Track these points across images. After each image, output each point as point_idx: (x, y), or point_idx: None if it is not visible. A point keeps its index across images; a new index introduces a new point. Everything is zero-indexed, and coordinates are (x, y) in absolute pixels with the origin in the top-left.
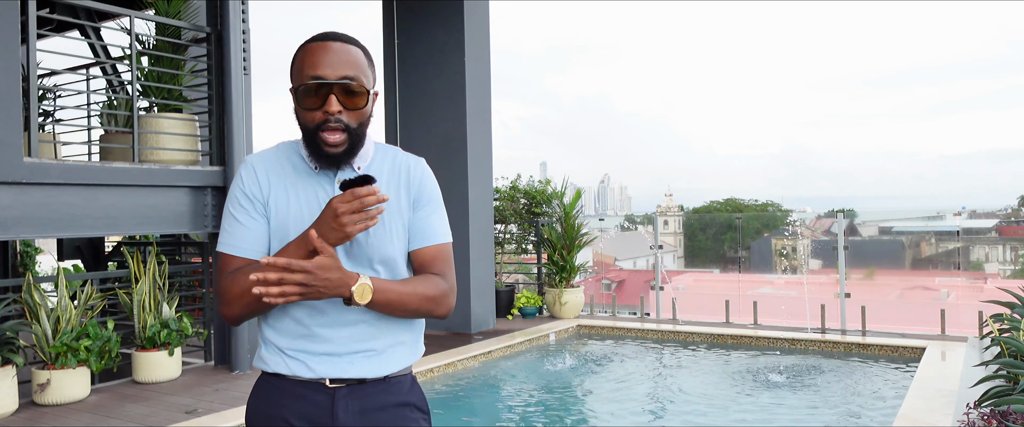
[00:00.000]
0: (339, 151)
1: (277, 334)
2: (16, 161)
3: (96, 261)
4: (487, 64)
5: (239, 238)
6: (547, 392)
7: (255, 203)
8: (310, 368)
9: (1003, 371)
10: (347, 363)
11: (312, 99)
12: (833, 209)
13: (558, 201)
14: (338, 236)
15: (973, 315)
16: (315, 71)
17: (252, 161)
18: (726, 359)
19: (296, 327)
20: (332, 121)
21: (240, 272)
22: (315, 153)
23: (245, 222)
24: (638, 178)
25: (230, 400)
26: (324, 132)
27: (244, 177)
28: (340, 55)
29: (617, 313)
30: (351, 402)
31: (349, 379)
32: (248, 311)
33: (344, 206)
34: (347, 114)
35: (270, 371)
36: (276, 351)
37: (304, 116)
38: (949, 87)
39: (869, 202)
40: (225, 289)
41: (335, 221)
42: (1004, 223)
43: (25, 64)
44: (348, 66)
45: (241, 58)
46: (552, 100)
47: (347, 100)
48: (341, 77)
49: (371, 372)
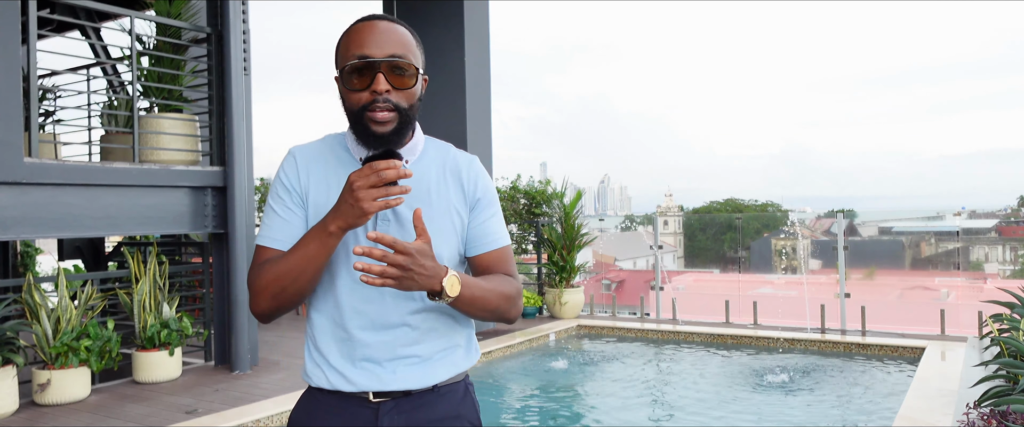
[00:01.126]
0: (388, 130)
1: (317, 339)
2: (16, 161)
3: (96, 261)
4: (487, 64)
5: (275, 229)
6: (547, 392)
7: (292, 194)
8: (349, 380)
9: (1003, 371)
10: (389, 373)
11: (359, 79)
12: (833, 209)
13: (558, 201)
14: (355, 213)
15: (973, 315)
16: (361, 50)
17: (294, 152)
18: (726, 359)
19: (335, 330)
20: (380, 101)
21: (269, 263)
22: (363, 134)
23: (282, 213)
24: (638, 178)
25: (230, 400)
26: (371, 111)
27: (285, 168)
28: (387, 34)
29: (617, 313)
30: (396, 417)
31: (393, 392)
32: (275, 303)
33: (361, 180)
34: (396, 94)
35: (311, 385)
36: (317, 362)
37: (350, 98)
38: (949, 87)
39: (869, 202)
40: (252, 281)
41: (351, 196)
42: (1004, 223)
43: (25, 64)
44: (396, 45)
45: (241, 58)
46: (552, 100)
47: (396, 79)
48: (389, 55)
49: (416, 382)
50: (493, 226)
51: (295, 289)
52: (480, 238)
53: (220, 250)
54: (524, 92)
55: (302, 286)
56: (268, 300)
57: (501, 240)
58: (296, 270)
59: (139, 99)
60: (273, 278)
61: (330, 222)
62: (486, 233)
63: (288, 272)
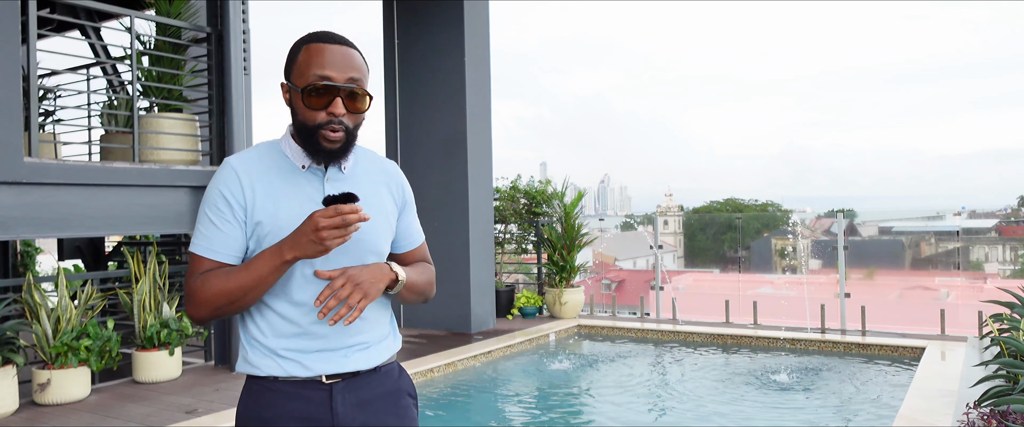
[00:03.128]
0: (336, 147)
1: (266, 335)
2: (16, 161)
3: (96, 261)
4: (487, 64)
5: (215, 241)
6: (547, 392)
7: (233, 208)
8: (306, 366)
9: (1003, 371)
10: (342, 357)
11: (318, 99)
12: (833, 209)
13: (558, 201)
14: (317, 249)
15: (973, 315)
16: (323, 71)
17: (232, 163)
18: (726, 359)
19: (288, 326)
20: (335, 122)
21: (212, 275)
22: (313, 150)
23: (221, 226)
24: (638, 178)
25: (230, 400)
26: (325, 130)
27: (226, 180)
28: (347, 59)
29: (617, 313)
30: (348, 395)
31: (344, 373)
32: (217, 314)
33: (326, 221)
34: (349, 116)
35: (261, 375)
36: (266, 353)
37: (306, 114)
38: (950, 87)
39: (869, 202)
40: (195, 290)
41: (315, 234)
42: (1004, 223)
43: (25, 64)
44: (353, 69)
45: (241, 58)
46: (552, 100)
47: (351, 104)
48: (348, 79)
49: (364, 364)
50: (416, 226)
51: (241, 303)
52: (408, 237)
53: None
54: (524, 92)
55: (248, 302)
56: (210, 311)
57: (421, 236)
58: (245, 288)
59: (139, 99)
60: (219, 292)
61: (287, 251)
62: (412, 233)
63: (237, 290)
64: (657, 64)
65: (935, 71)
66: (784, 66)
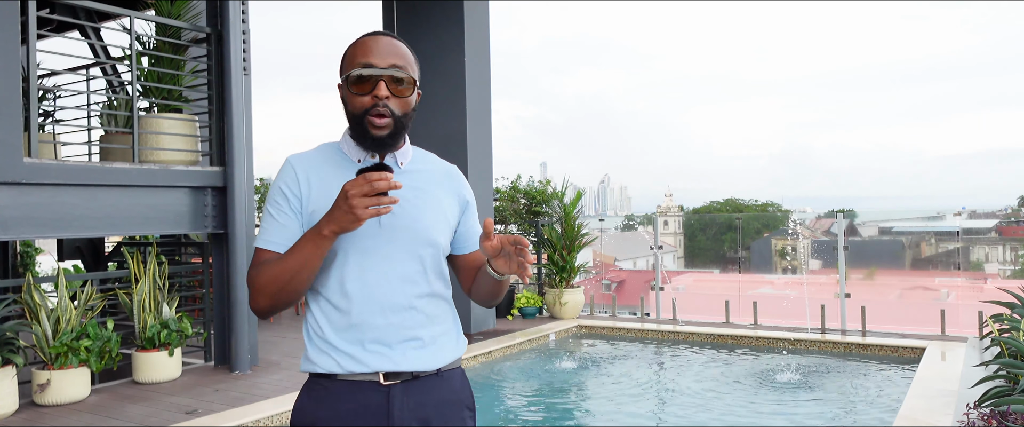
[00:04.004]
0: (384, 133)
1: (323, 330)
2: (16, 161)
3: (96, 261)
4: (487, 64)
5: (273, 233)
6: (547, 392)
7: (289, 200)
8: (361, 361)
9: (1003, 371)
10: (399, 354)
11: (362, 85)
12: (833, 209)
13: (558, 201)
14: (348, 219)
15: (973, 315)
16: (366, 59)
17: (292, 160)
18: (726, 359)
19: (341, 318)
20: (380, 106)
21: (267, 263)
22: (361, 136)
23: (279, 218)
24: (638, 178)
25: (230, 400)
26: (371, 115)
27: (284, 176)
28: (390, 48)
29: (617, 313)
30: (407, 399)
31: (402, 373)
32: (274, 302)
33: (355, 189)
34: (394, 101)
35: (320, 372)
36: (325, 348)
37: (353, 102)
38: (949, 87)
39: (869, 202)
40: (251, 280)
41: (346, 203)
42: (1004, 223)
43: (25, 64)
44: (397, 57)
45: (241, 58)
46: (552, 100)
47: (395, 88)
48: (390, 65)
49: (423, 365)
50: (477, 228)
51: (291, 288)
52: (469, 239)
53: (220, 250)
54: (524, 92)
55: (298, 285)
56: (267, 299)
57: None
58: (292, 270)
59: (139, 99)
60: (271, 278)
61: (324, 226)
62: (473, 234)
63: (285, 272)
64: (657, 64)
65: (935, 71)
66: (784, 66)
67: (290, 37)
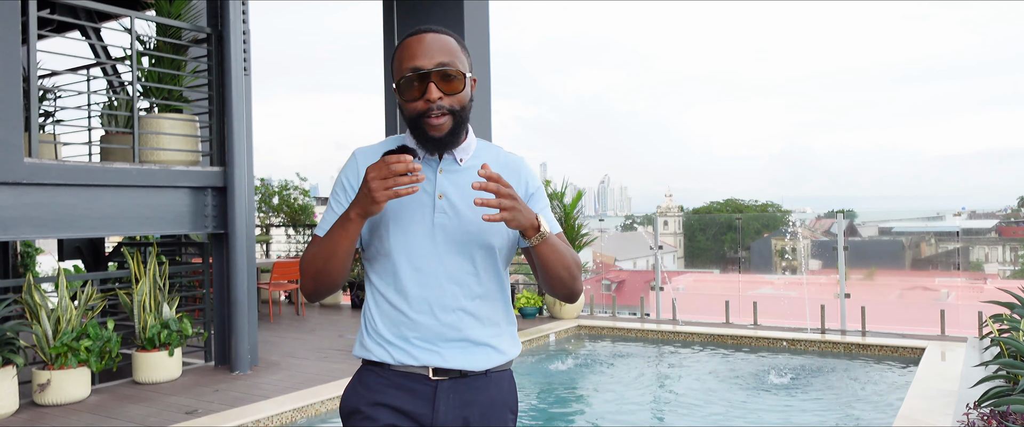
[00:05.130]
0: (443, 133)
1: (379, 324)
2: (16, 161)
3: (96, 261)
4: (487, 64)
5: (328, 221)
6: (547, 393)
7: (348, 192)
8: (413, 355)
9: (1003, 371)
10: (450, 352)
11: (413, 90)
12: (833, 209)
13: (558, 201)
14: (368, 201)
15: (973, 315)
16: (413, 62)
17: (357, 153)
18: (726, 359)
19: (397, 315)
20: (434, 108)
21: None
22: (421, 138)
23: (335, 209)
24: (638, 178)
25: (230, 400)
26: (427, 118)
27: (347, 168)
28: (434, 44)
29: (617, 313)
30: (453, 396)
31: (451, 370)
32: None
33: (374, 172)
34: (447, 99)
35: (373, 359)
36: (380, 340)
37: (407, 107)
38: (949, 87)
39: (869, 202)
40: (301, 262)
41: (366, 186)
42: (1004, 223)
43: (25, 64)
44: (442, 53)
45: (241, 58)
46: (552, 100)
47: (445, 86)
48: (437, 64)
49: (473, 364)
50: (548, 216)
51: (329, 270)
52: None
53: (220, 250)
54: (524, 92)
55: (334, 268)
56: (309, 280)
57: (556, 226)
58: (326, 253)
59: (139, 99)
60: (309, 260)
61: (351, 210)
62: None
63: (321, 255)
64: (657, 64)
65: (935, 71)
66: (784, 66)
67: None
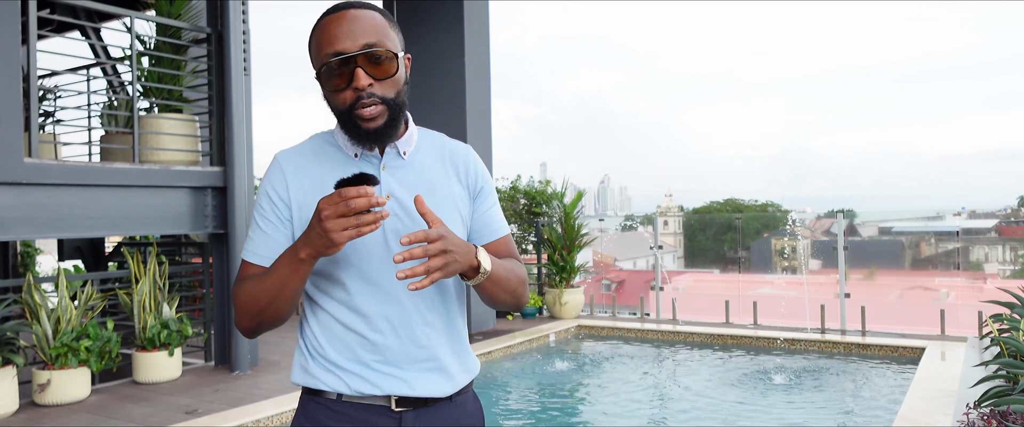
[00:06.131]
0: (379, 125)
1: (325, 348)
2: (16, 161)
3: (96, 261)
4: (487, 64)
5: (258, 244)
6: (547, 392)
7: (277, 206)
8: (373, 383)
9: (1003, 371)
10: (417, 377)
11: (338, 78)
12: (833, 209)
13: (558, 201)
14: (324, 243)
15: (973, 315)
16: (334, 46)
17: (279, 158)
18: (726, 359)
19: (351, 336)
20: (365, 96)
21: (250, 280)
22: (354, 134)
23: (264, 227)
24: (638, 178)
25: (230, 400)
26: (358, 109)
27: (271, 177)
28: (358, 23)
29: (617, 313)
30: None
31: (416, 399)
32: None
33: (329, 209)
34: (379, 85)
35: (321, 388)
36: (328, 365)
37: (334, 98)
38: (949, 87)
39: (869, 202)
40: (234, 298)
41: (320, 226)
42: (1004, 223)
43: (25, 65)
44: (369, 32)
45: (241, 58)
46: (552, 100)
47: (376, 70)
48: (363, 46)
49: (442, 389)
50: (495, 215)
51: (273, 310)
52: (484, 228)
53: (220, 250)
54: (524, 92)
55: (278, 309)
56: (248, 320)
57: (503, 228)
58: (272, 293)
59: (139, 99)
60: (250, 298)
61: (301, 249)
62: (489, 222)
63: (264, 295)
64: (656, 64)
65: (934, 71)
66: (784, 66)
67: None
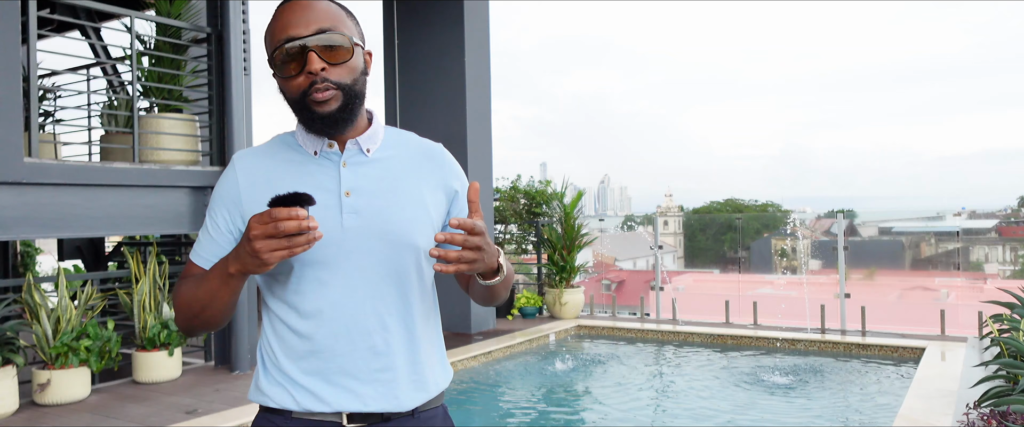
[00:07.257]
0: (333, 109)
1: (279, 357)
2: (16, 161)
3: (96, 261)
4: (487, 64)
5: (203, 246)
6: (547, 392)
7: (224, 209)
8: (322, 400)
9: (1003, 371)
10: (371, 390)
11: (291, 64)
12: (833, 209)
13: (558, 201)
14: (254, 263)
15: (973, 315)
16: (287, 32)
17: (235, 160)
18: (726, 359)
19: (301, 343)
20: (318, 81)
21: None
22: (309, 122)
23: (210, 230)
24: (638, 178)
25: (230, 400)
26: (311, 94)
27: (223, 179)
28: (312, 11)
29: (617, 313)
30: None
31: (371, 415)
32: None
33: (258, 229)
34: (333, 70)
35: (271, 406)
36: (280, 378)
37: (288, 87)
38: (949, 87)
39: (869, 202)
40: (173, 295)
41: (249, 245)
42: (1004, 223)
43: (25, 64)
44: (322, 19)
45: (241, 58)
46: (551, 100)
47: (329, 55)
48: (316, 31)
49: (399, 403)
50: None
51: (206, 317)
52: None
53: None
54: (523, 92)
55: (212, 316)
56: (183, 321)
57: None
58: (203, 301)
59: (139, 99)
60: (185, 302)
61: (231, 264)
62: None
63: (196, 302)
64: (656, 64)
65: (934, 71)
66: (784, 66)
67: None
